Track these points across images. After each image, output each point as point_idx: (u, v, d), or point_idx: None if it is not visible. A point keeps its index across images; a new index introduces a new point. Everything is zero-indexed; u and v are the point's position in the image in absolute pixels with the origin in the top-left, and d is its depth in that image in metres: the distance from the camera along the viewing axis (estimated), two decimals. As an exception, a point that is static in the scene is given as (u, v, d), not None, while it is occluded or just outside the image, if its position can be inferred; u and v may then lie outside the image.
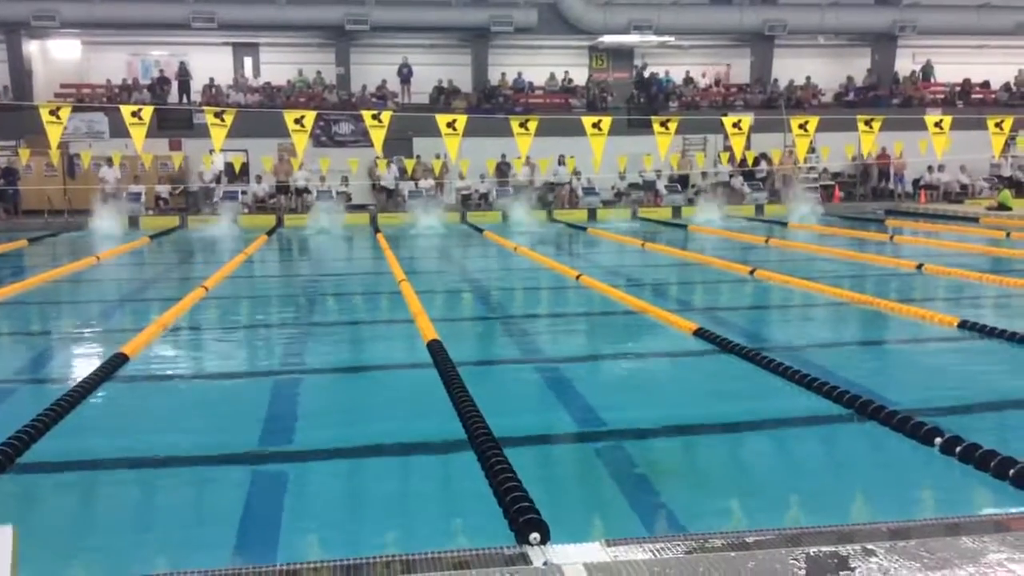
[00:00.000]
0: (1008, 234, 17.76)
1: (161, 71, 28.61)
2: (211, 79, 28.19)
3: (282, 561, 3.52)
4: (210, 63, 28.98)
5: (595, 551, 3.41)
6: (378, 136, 17.35)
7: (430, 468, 5.22)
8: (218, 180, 25.90)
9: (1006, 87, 30.79)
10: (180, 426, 6.01)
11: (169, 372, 7.68)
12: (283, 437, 5.79)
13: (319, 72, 28.90)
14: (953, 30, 30.41)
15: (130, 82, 28.35)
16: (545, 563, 3.33)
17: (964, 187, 27.19)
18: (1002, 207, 23.02)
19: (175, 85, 28.18)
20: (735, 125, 21.23)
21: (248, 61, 30.01)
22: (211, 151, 23.40)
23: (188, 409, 6.52)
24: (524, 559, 3.39)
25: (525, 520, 3.74)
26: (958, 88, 30.45)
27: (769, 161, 27.23)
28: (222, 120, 16.70)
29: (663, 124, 21.43)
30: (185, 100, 27.71)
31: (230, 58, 29.77)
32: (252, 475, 5.13)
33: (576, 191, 26.13)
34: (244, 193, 25.74)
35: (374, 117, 17.48)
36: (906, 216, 22.90)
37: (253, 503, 4.66)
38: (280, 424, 6.07)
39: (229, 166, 26.24)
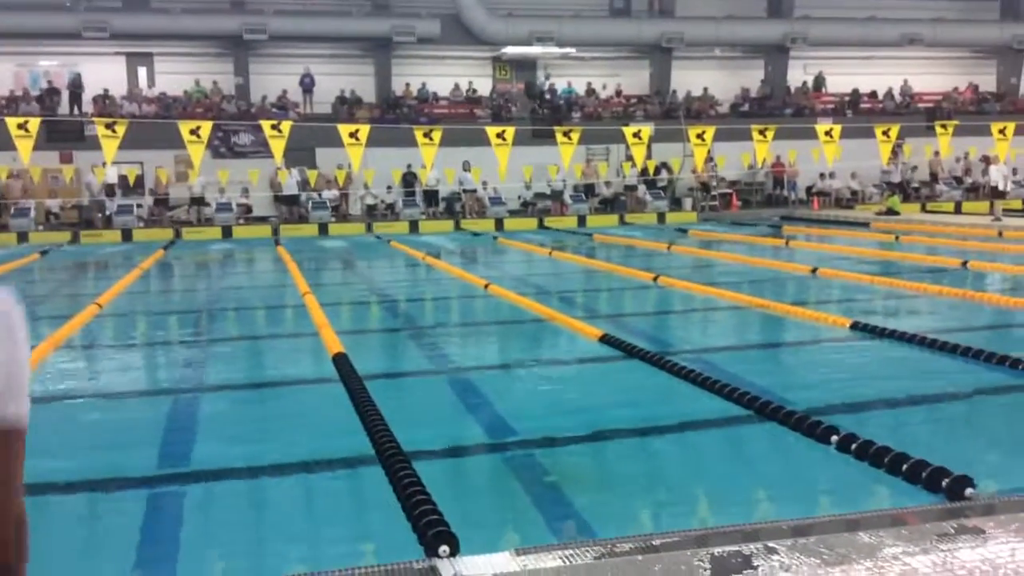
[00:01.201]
0: (897, 237, 18.54)
1: (50, 82, 27.52)
2: (104, 90, 27.26)
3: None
4: (103, 73, 28.03)
5: (505, 561, 3.39)
6: (278, 146, 17.09)
7: (337, 484, 5.12)
8: (112, 193, 25.04)
9: (891, 96, 32.19)
10: (71, 448, 5.76)
11: (60, 392, 7.35)
12: (181, 458, 5.60)
13: (215, 82, 28.26)
14: (842, 42, 31.67)
15: (19, 93, 27.18)
16: (454, 575, 3.30)
17: (855, 193, 28.27)
18: (891, 212, 24.02)
19: (66, 96, 27.14)
20: (635, 135, 21.64)
21: (143, 71, 29.14)
22: (103, 164, 22.62)
23: (80, 430, 6.25)
24: (434, 572, 3.35)
25: (434, 533, 3.71)
26: (847, 98, 31.70)
27: (669, 170, 27.83)
28: (114, 131, 16.17)
29: (566, 134, 21.69)
30: (76, 111, 26.71)
31: (124, 68, 28.87)
32: (149, 498, 4.94)
33: (483, 201, 26.19)
34: (139, 206, 24.96)
35: (273, 127, 17.20)
36: (800, 222, 23.68)
37: (150, 528, 4.49)
38: (178, 444, 5.87)
39: (123, 179, 25.41)
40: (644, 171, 26.98)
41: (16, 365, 1.44)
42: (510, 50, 29.72)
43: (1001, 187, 22.13)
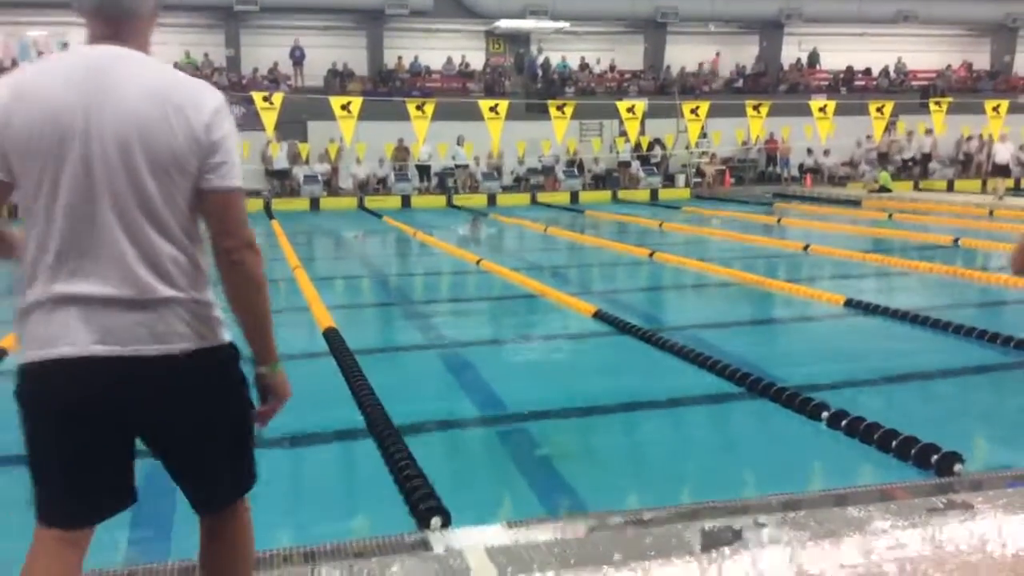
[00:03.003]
0: (890, 215, 18.55)
1: (40, 52, 27.22)
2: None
3: (176, 558, 3.41)
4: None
5: (497, 534, 3.41)
6: (270, 119, 16.99)
7: (329, 458, 5.14)
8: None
9: (885, 73, 32.11)
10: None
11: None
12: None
13: (207, 54, 27.98)
14: (837, 18, 31.49)
15: (7, 64, 26.88)
16: (446, 548, 3.31)
17: (849, 169, 28.24)
18: (883, 189, 24.00)
19: (54, 66, 26.87)
20: (629, 110, 21.56)
21: (132, 41, 28.83)
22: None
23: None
24: (425, 545, 3.37)
25: (426, 507, 3.72)
26: (842, 75, 31.60)
27: (663, 146, 27.76)
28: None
29: (559, 109, 21.59)
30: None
31: (112, 39, 28.56)
32: (138, 470, 4.93)
33: (475, 176, 26.11)
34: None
35: (265, 99, 17.08)
36: (792, 199, 23.69)
37: (141, 502, 4.48)
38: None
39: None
40: (637, 147, 26.91)
41: (235, 145, 2.15)
42: (503, 23, 29.49)
43: (1011, 165, 21.35)
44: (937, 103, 24.71)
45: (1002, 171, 21.38)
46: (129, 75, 2.05)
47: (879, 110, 23.38)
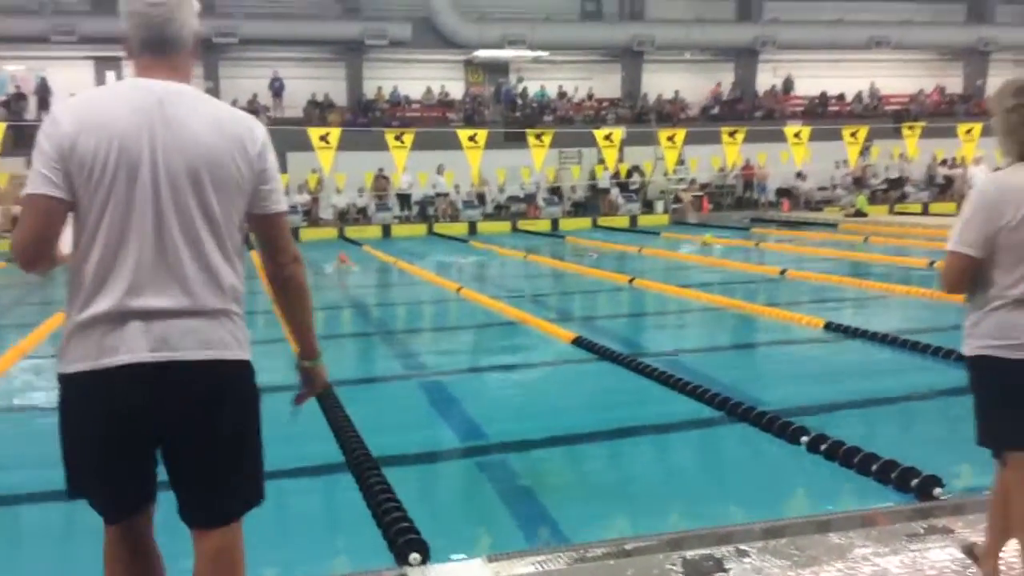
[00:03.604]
0: (866, 238, 18.70)
1: (17, 87, 27.15)
2: (72, 95, 26.89)
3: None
4: (71, 78, 27.61)
5: (477, 568, 3.38)
6: (250, 151, 16.95)
7: (308, 492, 5.08)
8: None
9: (859, 99, 32.51)
10: (37, 459, 5.66)
11: (28, 403, 7.24)
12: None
13: (187, 85, 27.99)
14: (810, 45, 31.92)
15: (-15, 98, 26.78)
16: (426, 583, 3.27)
17: (826, 193, 28.47)
18: (859, 213, 24.20)
19: (33, 101, 26.78)
20: (607, 138, 21.71)
21: (111, 75, 28.78)
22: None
23: (47, 441, 6.14)
24: (404, 581, 3.32)
25: (404, 541, 3.68)
26: (816, 101, 31.97)
27: (642, 173, 27.92)
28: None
29: (538, 137, 21.71)
30: (44, 116, 26.32)
31: (92, 72, 28.53)
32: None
33: (456, 204, 26.15)
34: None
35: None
36: (770, 224, 23.84)
37: (77, 541, 4.41)
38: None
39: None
40: (616, 174, 27.07)
41: (278, 172, 2.45)
42: (482, 53, 29.71)
43: None
44: (910, 127, 25.01)
45: None
46: (190, 108, 2.29)
47: (853, 135, 23.65)
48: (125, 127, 2.22)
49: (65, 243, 2.34)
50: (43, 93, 26.67)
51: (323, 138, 17.65)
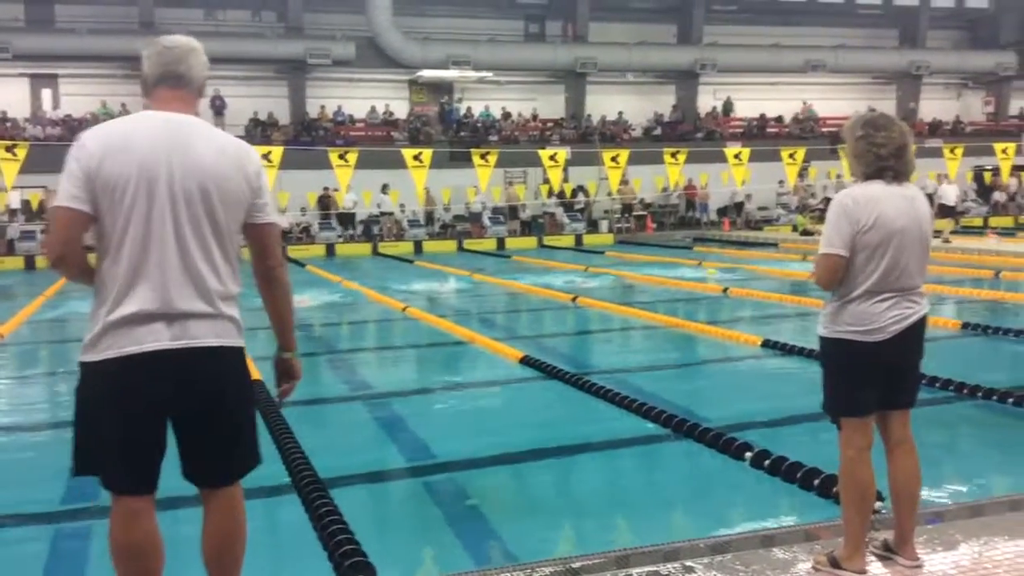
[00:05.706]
0: (805, 256, 19.04)
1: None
2: (3, 112, 26.31)
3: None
4: (5, 95, 27.06)
5: (424, 589, 3.35)
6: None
7: (252, 514, 4.98)
8: (14, 218, 24.11)
9: (796, 120, 33.25)
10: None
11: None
12: (89, 493, 5.38)
13: (124, 104, 27.44)
14: (749, 68, 32.63)
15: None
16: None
17: (767, 212, 28.98)
18: (805, 232, 24.59)
19: (-36, 118, 26.10)
20: (551, 158, 21.88)
21: (47, 93, 28.21)
22: (3, 188, 21.81)
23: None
24: (352, 603, 3.28)
25: (351, 564, 3.64)
26: (755, 122, 32.62)
27: (586, 193, 28.15)
28: (14, 155, 15.61)
29: (483, 157, 21.78)
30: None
31: (27, 90, 27.93)
32: (55, 534, 4.74)
33: (401, 223, 26.07)
34: (44, 232, 24.06)
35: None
36: (712, 243, 24.18)
37: (55, 566, 4.30)
38: (85, 479, 5.63)
39: (27, 203, 24.52)
40: (561, 194, 27.25)
41: (269, 189, 2.91)
42: (426, 73, 29.75)
43: (953, 205, 21.15)
44: (844, 149, 25.60)
45: (948, 212, 20.87)
46: (198, 136, 2.74)
47: (791, 156, 24.16)
48: (145, 152, 2.65)
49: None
50: (-26, 111, 25.99)
51: (266, 156, 17.48)
